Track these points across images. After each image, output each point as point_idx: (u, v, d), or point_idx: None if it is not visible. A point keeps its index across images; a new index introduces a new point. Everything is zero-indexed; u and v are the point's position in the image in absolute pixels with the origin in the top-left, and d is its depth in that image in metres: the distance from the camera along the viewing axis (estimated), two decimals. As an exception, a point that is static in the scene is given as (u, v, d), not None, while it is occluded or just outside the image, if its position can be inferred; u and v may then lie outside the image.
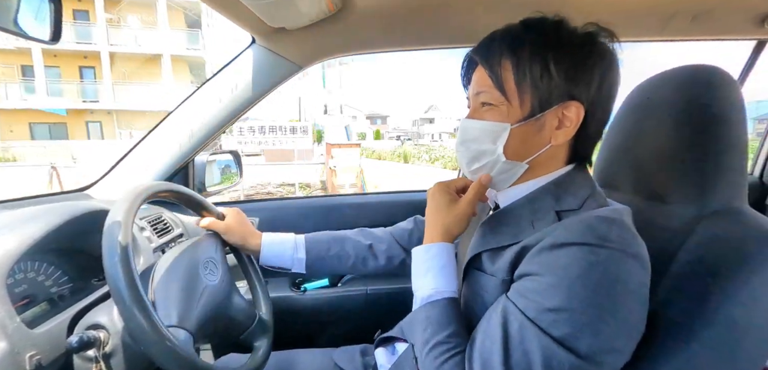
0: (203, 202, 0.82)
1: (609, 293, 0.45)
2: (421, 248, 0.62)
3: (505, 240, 0.57)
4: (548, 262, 0.49)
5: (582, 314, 0.45)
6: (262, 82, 1.02)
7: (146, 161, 1.06)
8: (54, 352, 0.59)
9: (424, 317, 0.57)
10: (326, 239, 0.90)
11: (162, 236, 0.96)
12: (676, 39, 1.15)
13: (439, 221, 0.62)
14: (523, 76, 0.54)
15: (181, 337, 0.60)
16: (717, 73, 0.60)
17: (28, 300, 0.66)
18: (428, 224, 0.64)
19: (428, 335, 0.55)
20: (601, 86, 0.55)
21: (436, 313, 0.56)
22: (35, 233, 0.64)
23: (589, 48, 0.54)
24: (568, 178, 0.59)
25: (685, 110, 0.60)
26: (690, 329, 0.51)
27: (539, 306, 0.47)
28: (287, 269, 0.88)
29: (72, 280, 0.75)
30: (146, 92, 17.70)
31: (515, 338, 0.47)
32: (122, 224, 0.56)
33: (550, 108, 0.55)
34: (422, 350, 0.55)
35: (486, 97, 0.57)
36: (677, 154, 0.61)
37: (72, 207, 0.74)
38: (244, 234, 0.85)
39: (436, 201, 0.64)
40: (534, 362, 0.46)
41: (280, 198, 1.40)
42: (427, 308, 0.57)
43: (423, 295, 0.59)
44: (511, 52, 0.54)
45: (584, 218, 0.51)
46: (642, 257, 0.48)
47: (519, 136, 0.56)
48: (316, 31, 0.95)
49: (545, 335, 0.46)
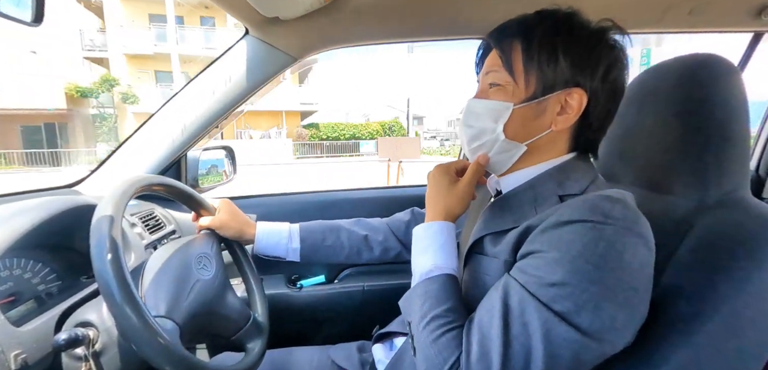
0: (195, 195, 0.80)
1: (612, 271, 0.45)
2: (420, 227, 0.62)
3: (508, 224, 0.57)
4: (551, 239, 0.48)
5: (584, 291, 0.44)
6: (255, 74, 1.01)
7: (137, 157, 1.03)
8: (41, 351, 0.57)
9: (423, 291, 0.56)
10: (321, 229, 0.89)
11: (154, 232, 0.94)
12: (673, 31, 1.15)
13: (440, 201, 0.62)
14: (531, 59, 0.56)
15: (168, 327, 0.58)
16: (718, 61, 0.59)
17: (14, 298, 0.64)
18: (428, 206, 0.64)
19: (426, 309, 0.54)
20: (605, 77, 0.55)
21: (435, 288, 0.56)
22: (20, 228, 0.62)
23: (597, 39, 0.55)
24: (570, 165, 0.59)
25: (687, 99, 0.59)
26: (694, 321, 0.50)
27: (541, 281, 0.47)
28: (282, 258, 0.87)
29: (60, 277, 0.72)
30: (262, 93, 18.05)
31: (515, 311, 0.47)
32: (111, 218, 0.54)
33: (554, 92, 0.56)
34: (419, 324, 0.54)
35: (494, 77, 0.59)
36: (678, 144, 0.60)
37: (59, 202, 0.71)
38: (239, 226, 0.83)
39: (437, 182, 0.64)
40: (533, 336, 0.45)
41: (279, 193, 1.38)
42: (425, 283, 0.57)
43: (422, 270, 0.58)
44: (522, 36, 0.57)
45: (588, 197, 0.51)
46: (646, 237, 0.48)
47: (520, 117, 0.57)
48: (311, 21, 0.93)
49: (546, 309, 0.45)
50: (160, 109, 1.04)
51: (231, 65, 1.00)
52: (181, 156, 1.07)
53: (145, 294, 0.60)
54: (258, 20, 0.92)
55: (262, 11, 0.87)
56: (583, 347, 0.44)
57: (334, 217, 1.30)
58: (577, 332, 0.44)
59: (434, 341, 0.51)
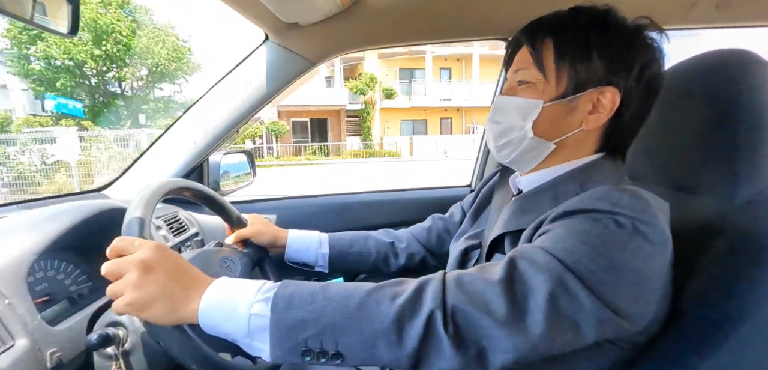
0: (220, 200, 0.81)
1: (619, 252, 0.44)
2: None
3: (527, 223, 0.56)
4: (560, 223, 0.48)
5: (591, 261, 0.43)
6: (275, 79, 1.02)
7: (161, 161, 1.06)
8: (74, 349, 0.59)
9: (312, 313, 0.45)
10: (349, 237, 0.90)
11: (178, 235, 0.96)
12: (699, 26, 1.12)
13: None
14: (563, 56, 0.55)
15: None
16: (747, 56, 0.57)
17: (49, 298, 0.66)
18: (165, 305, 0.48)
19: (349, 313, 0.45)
20: (640, 77, 0.54)
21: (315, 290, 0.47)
22: (54, 232, 0.65)
23: (634, 37, 0.54)
24: (595, 165, 0.58)
25: (714, 96, 0.57)
26: (728, 326, 0.49)
27: (547, 246, 0.46)
28: (311, 264, 0.87)
29: (90, 279, 0.75)
30: (488, 90, 18.80)
31: (522, 255, 0.46)
32: (141, 220, 0.55)
33: (586, 91, 0.55)
34: (375, 338, 0.44)
35: (524, 74, 0.58)
36: (706, 142, 0.58)
37: (90, 206, 0.74)
38: (273, 233, 0.85)
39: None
40: (538, 276, 0.43)
41: (296, 196, 1.39)
42: (288, 310, 0.46)
43: (258, 317, 0.46)
44: (553, 33, 0.56)
45: (597, 189, 0.50)
46: (657, 228, 0.46)
47: (550, 114, 0.56)
48: (329, 26, 0.94)
49: (556, 260, 0.44)
50: (183, 114, 1.07)
51: (251, 71, 1.02)
52: (203, 160, 1.09)
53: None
54: (278, 26, 0.93)
55: (281, 17, 0.89)
56: (586, 309, 0.42)
57: (351, 219, 1.32)
58: (581, 286, 0.43)
59: (410, 324, 0.44)
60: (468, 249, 0.72)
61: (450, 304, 0.44)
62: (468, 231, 0.76)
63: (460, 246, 0.73)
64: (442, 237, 0.89)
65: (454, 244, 0.77)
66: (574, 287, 0.43)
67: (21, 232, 0.63)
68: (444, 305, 0.44)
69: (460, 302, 0.44)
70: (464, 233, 0.77)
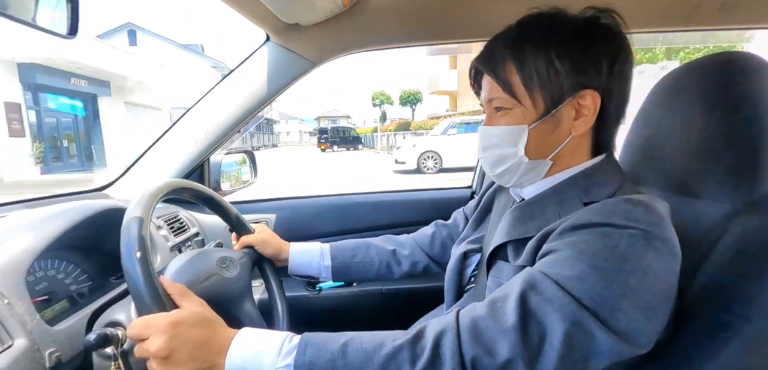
0: (220, 200, 0.80)
1: (632, 273, 0.43)
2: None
3: (531, 231, 0.55)
4: (569, 240, 0.47)
5: (604, 288, 0.42)
6: (276, 79, 1.02)
7: (162, 161, 1.06)
8: (73, 349, 0.59)
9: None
10: (350, 246, 0.89)
11: (178, 234, 0.96)
12: (703, 28, 1.10)
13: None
14: (530, 76, 0.54)
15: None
16: (751, 58, 0.56)
17: (48, 298, 0.67)
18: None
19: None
20: (612, 69, 0.53)
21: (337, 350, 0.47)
22: (54, 231, 0.65)
23: (591, 33, 0.53)
24: (597, 170, 0.57)
25: (717, 98, 0.57)
26: (732, 329, 0.48)
27: (560, 274, 0.45)
28: (315, 277, 0.87)
29: (91, 278, 0.75)
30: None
31: (534, 290, 0.45)
32: (140, 219, 0.55)
33: (563, 102, 0.54)
34: None
35: (498, 102, 0.57)
36: (710, 145, 0.58)
37: (90, 206, 0.74)
38: (278, 245, 0.84)
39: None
40: (552, 314, 0.43)
41: (296, 196, 1.39)
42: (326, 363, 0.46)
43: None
44: (513, 56, 0.54)
45: (609, 201, 0.49)
46: (670, 242, 0.46)
47: (538, 134, 0.56)
48: (330, 26, 0.94)
49: (566, 293, 0.43)
50: (184, 114, 1.07)
51: (252, 71, 1.02)
52: (204, 160, 1.09)
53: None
54: (279, 26, 0.93)
55: (282, 18, 0.89)
56: (599, 343, 0.42)
57: (351, 220, 1.31)
58: (596, 323, 0.42)
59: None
60: (467, 253, 0.72)
61: (468, 359, 0.45)
62: (470, 236, 0.76)
63: (460, 250, 0.73)
64: (446, 245, 0.89)
65: (455, 248, 0.77)
66: (589, 325, 0.42)
67: (21, 231, 0.63)
68: (462, 362, 0.45)
69: (477, 354, 0.44)
70: (466, 237, 0.77)
